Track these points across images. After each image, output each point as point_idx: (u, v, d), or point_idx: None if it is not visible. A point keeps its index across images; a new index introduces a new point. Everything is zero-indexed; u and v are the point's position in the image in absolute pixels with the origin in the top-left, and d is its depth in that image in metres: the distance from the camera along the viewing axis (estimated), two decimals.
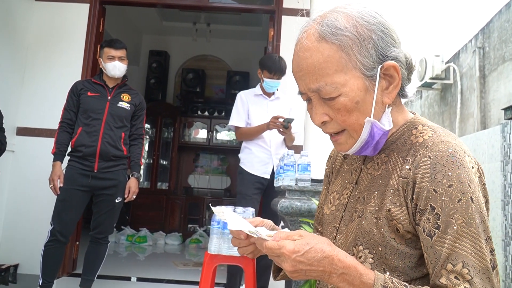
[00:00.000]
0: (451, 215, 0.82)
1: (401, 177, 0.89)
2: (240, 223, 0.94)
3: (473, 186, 0.84)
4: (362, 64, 0.88)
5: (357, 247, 0.92)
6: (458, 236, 0.81)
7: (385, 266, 0.89)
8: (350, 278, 0.82)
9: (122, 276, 4.28)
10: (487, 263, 0.81)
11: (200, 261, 5.24)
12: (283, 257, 0.82)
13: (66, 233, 3.03)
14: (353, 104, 0.88)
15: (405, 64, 0.94)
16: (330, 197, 1.09)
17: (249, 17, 7.18)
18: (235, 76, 7.82)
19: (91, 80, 3.25)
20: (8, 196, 3.94)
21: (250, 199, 3.26)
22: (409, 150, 0.91)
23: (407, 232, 0.87)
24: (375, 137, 0.92)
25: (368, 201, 0.94)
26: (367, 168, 0.99)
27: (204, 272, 2.45)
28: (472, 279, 0.79)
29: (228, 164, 8.03)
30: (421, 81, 3.54)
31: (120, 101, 3.21)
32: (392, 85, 0.92)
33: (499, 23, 2.79)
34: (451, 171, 0.83)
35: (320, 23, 0.89)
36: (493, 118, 2.82)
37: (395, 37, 0.93)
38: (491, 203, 2.47)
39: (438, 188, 0.83)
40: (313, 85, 0.89)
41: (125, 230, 6.66)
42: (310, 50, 0.88)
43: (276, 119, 3.16)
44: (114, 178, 3.14)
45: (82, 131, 3.10)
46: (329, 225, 1.05)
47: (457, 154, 0.85)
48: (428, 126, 0.94)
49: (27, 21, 4.15)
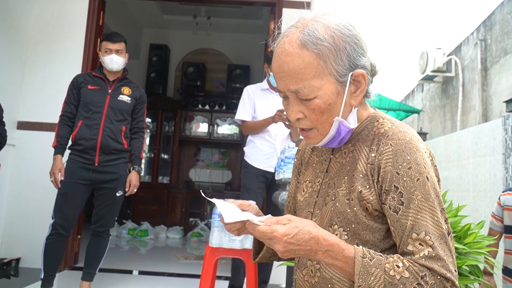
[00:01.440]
0: (412, 192, 0.97)
1: (368, 163, 1.03)
2: (234, 214, 1.04)
3: (427, 167, 1.00)
4: (336, 71, 1.01)
5: (333, 226, 1.06)
6: (419, 210, 0.96)
7: (358, 240, 1.02)
8: (334, 254, 0.95)
9: (124, 269, 4.30)
10: (443, 230, 0.96)
11: (202, 254, 5.26)
12: (275, 240, 0.93)
13: (67, 227, 3.03)
14: (326, 106, 1.02)
15: (370, 70, 1.07)
16: (302, 186, 1.22)
17: (249, 10, 7.15)
18: (236, 70, 7.80)
19: (92, 74, 3.24)
20: (9, 190, 3.94)
21: (254, 193, 3.26)
22: (373, 140, 1.05)
23: (375, 210, 1.01)
24: (341, 134, 1.06)
25: (339, 185, 1.08)
26: (336, 157, 1.13)
27: (206, 265, 2.46)
28: (434, 244, 0.94)
29: (229, 158, 8.03)
30: (422, 74, 3.53)
31: (120, 94, 3.20)
32: (359, 90, 1.05)
33: (501, 15, 2.77)
34: (409, 156, 0.99)
35: (302, 31, 1.00)
36: (495, 110, 2.81)
37: (364, 47, 1.06)
38: (493, 195, 2.46)
39: (400, 171, 0.98)
40: (292, 86, 1.02)
41: (127, 224, 6.68)
42: (291, 55, 1.00)
43: (281, 112, 3.16)
44: (115, 171, 3.14)
45: (82, 124, 3.09)
46: (303, 210, 1.18)
47: (413, 141, 1.01)
48: (388, 119, 1.09)
49: (27, 14, 4.13)
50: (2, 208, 3.91)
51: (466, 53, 3.26)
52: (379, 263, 0.94)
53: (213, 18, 7.60)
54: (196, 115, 7.95)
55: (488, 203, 2.47)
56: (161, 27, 8.04)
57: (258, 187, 3.31)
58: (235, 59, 8.02)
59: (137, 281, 3.98)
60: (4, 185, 3.88)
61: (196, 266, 4.59)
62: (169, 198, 7.25)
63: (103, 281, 3.64)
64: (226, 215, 1.01)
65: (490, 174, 2.43)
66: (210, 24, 7.66)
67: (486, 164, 2.48)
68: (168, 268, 4.47)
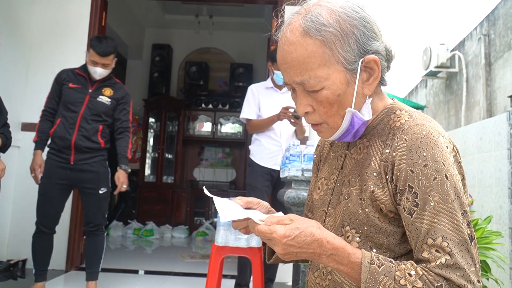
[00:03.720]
0: (428, 192, 0.87)
1: (382, 160, 0.94)
2: (232, 212, 0.97)
3: (448, 164, 0.89)
4: (344, 58, 0.92)
5: (345, 227, 0.98)
6: (436, 212, 0.86)
7: (371, 244, 0.94)
8: (338, 258, 0.88)
9: (129, 269, 4.31)
10: (464, 236, 0.86)
11: (207, 253, 5.27)
12: (274, 241, 0.87)
13: (49, 225, 3.08)
14: (335, 97, 0.93)
15: (385, 55, 0.99)
16: (318, 183, 1.14)
17: (251, 8, 7.15)
18: (239, 68, 7.80)
19: (76, 71, 3.21)
20: (14, 191, 3.96)
21: (259, 191, 3.27)
22: (388, 134, 0.96)
23: (389, 212, 0.93)
24: (355, 126, 0.97)
25: (353, 184, 0.99)
26: (351, 153, 1.05)
27: (212, 264, 2.46)
28: (452, 251, 0.84)
29: (233, 156, 8.04)
30: (426, 70, 3.51)
31: (100, 95, 3.16)
32: (372, 77, 0.96)
33: (504, 9, 2.76)
34: (425, 152, 0.88)
35: (304, 17, 0.92)
36: (499, 105, 2.80)
37: (376, 30, 0.96)
38: (498, 191, 2.46)
39: (415, 168, 0.88)
40: (297, 78, 0.94)
41: (132, 224, 6.70)
42: (294, 44, 0.92)
43: (286, 109, 3.16)
44: (93, 170, 3.11)
45: (60, 122, 3.09)
46: (318, 209, 1.10)
47: (431, 136, 0.90)
48: (406, 111, 0.99)
49: (30, 16, 4.14)
50: (8, 210, 3.92)
51: (469, 48, 3.24)
52: (389, 270, 0.85)
53: (215, 17, 7.60)
54: (199, 114, 7.96)
55: (494, 198, 2.46)
56: (163, 26, 8.05)
57: (264, 185, 3.31)
58: (238, 58, 8.02)
59: (144, 280, 3.99)
60: (9, 186, 3.89)
61: (202, 265, 4.60)
62: (174, 198, 7.27)
63: (110, 281, 3.66)
64: (223, 214, 0.95)
65: (496, 169, 2.42)
66: (212, 23, 7.66)
67: (491, 159, 2.48)
68: (174, 267, 4.48)
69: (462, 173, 0.95)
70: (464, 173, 0.96)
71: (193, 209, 7.31)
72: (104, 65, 3.12)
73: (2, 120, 2.77)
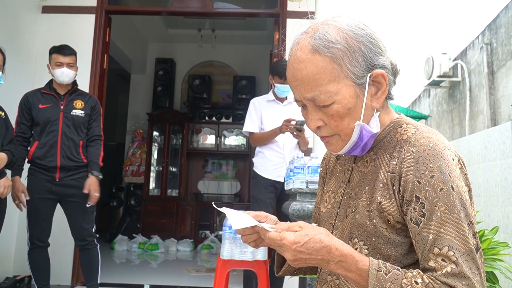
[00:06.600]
0: (435, 203, 0.89)
1: (389, 172, 0.97)
2: (243, 220, 0.99)
3: (454, 176, 0.91)
4: (353, 73, 0.96)
5: (353, 239, 1.00)
6: (442, 222, 0.89)
7: (379, 255, 0.96)
8: (346, 265, 0.90)
9: (135, 284, 4.29)
10: (470, 246, 0.88)
11: (213, 267, 5.24)
12: (284, 248, 0.89)
13: (42, 238, 3.08)
14: (345, 111, 0.97)
15: (391, 70, 1.03)
16: (325, 196, 1.16)
17: (253, 21, 7.20)
18: (242, 81, 7.83)
19: (41, 91, 3.19)
20: None
21: (263, 203, 3.26)
22: (395, 147, 0.99)
23: (397, 223, 0.95)
24: (363, 139, 1.00)
25: (360, 196, 1.01)
26: (358, 166, 1.08)
27: (218, 278, 2.45)
28: (458, 261, 0.86)
29: (237, 169, 8.04)
30: (428, 79, 3.52)
31: (73, 109, 3.15)
32: (380, 91, 1.00)
33: (506, 18, 2.77)
34: (432, 163, 0.91)
35: (313, 36, 0.96)
36: (503, 114, 2.79)
37: (381, 46, 1.01)
38: (504, 200, 2.44)
39: (421, 179, 0.91)
40: (308, 94, 0.97)
41: (137, 238, 6.69)
42: (304, 62, 0.95)
43: (288, 122, 3.17)
44: (78, 185, 3.08)
45: (39, 145, 3.06)
46: (325, 222, 1.12)
47: (438, 148, 0.93)
48: (412, 124, 1.03)
49: (34, 33, 4.19)
50: (14, 225, 3.92)
51: (472, 57, 3.25)
52: (395, 277, 0.87)
53: (217, 30, 7.66)
54: (203, 127, 7.98)
55: (500, 208, 2.44)
56: (166, 41, 8.12)
57: (268, 197, 3.31)
58: (241, 71, 8.06)
59: None
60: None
61: (207, 278, 4.57)
62: (179, 211, 7.26)
63: None
64: (234, 222, 0.98)
65: (501, 178, 2.41)
66: (215, 36, 7.72)
67: (496, 168, 2.46)
68: (180, 281, 4.45)
69: (469, 184, 0.97)
70: (470, 184, 0.98)
71: (198, 222, 7.29)
72: (69, 65, 3.13)
73: (9, 137, 2.79)
